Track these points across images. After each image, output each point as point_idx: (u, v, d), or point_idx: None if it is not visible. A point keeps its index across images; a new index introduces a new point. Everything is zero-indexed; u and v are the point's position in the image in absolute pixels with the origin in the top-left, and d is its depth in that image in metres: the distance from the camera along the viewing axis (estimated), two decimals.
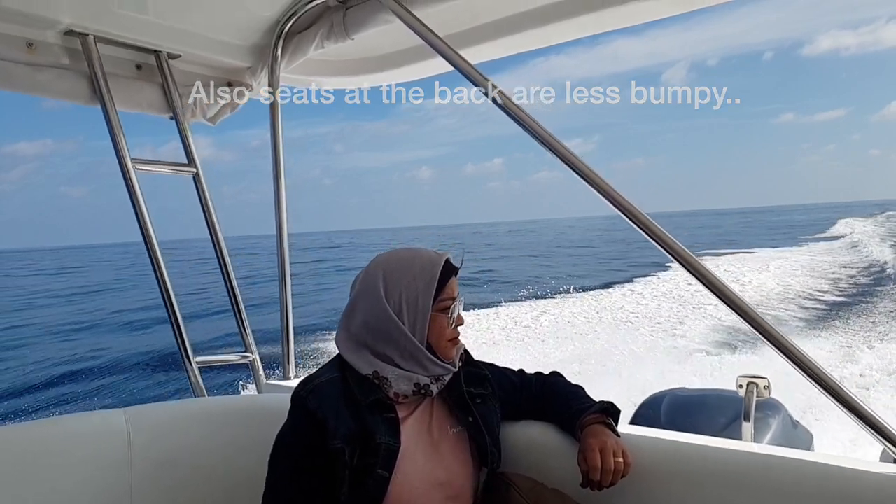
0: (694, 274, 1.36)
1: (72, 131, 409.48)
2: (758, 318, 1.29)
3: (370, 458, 1.26)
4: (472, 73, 1.61)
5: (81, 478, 1.52)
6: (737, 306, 1.31)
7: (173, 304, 2.06)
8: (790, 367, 1.25)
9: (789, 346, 1.25)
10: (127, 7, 1.88)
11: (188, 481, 1.66)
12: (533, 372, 1.60)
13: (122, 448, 1.58)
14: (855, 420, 1.21)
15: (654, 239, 1.40)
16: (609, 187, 1.45)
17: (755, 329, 1.29)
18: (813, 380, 1.23)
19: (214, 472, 1.70)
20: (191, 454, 1.68)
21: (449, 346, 1.38)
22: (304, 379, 1.37)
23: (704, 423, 2.54)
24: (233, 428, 1.77)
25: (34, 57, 1.88)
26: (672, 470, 1.39)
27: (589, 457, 1.30)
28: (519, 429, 1.55)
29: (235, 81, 2.35)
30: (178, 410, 1.83)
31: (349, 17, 1.97)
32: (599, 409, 1.41)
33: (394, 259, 1.39)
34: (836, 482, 1.23)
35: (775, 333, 1.27)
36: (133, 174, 1.99)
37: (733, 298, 1.31)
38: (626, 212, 1.43)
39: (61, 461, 1.51)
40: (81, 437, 1.58)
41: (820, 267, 21.35)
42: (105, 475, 1.55)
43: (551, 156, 1.53)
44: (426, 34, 1.67)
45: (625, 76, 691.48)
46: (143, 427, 1.64)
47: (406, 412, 1.37)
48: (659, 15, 1.84)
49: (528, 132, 1.54)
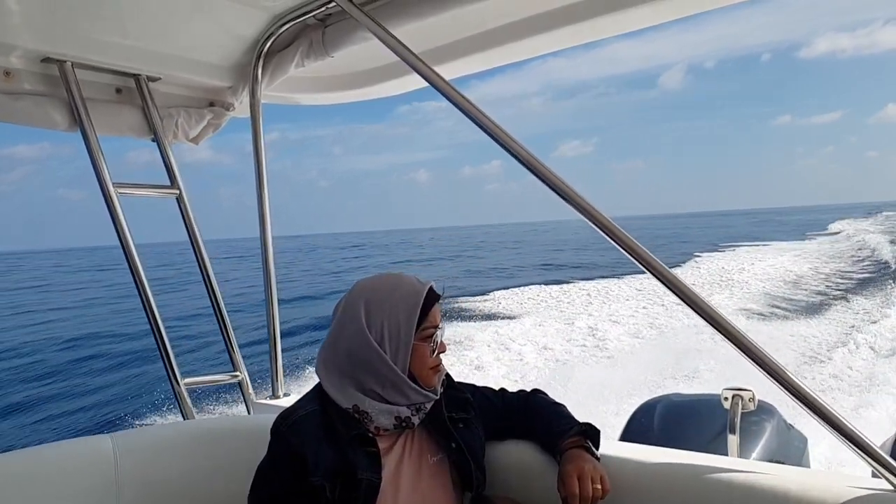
0: (661, 279, 1.31)
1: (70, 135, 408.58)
2: (727, 324, 1.25)
3: (351, 492, 1.26)
4: (446, 88, 1.62)
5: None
6: (705, 312, 1.27)
7: (159, 325, 2.06)
8: (773, 383, 1.21)
9: (767, 360, 1.21)
10: (105, 32, 1.88)
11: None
12: (515, 390, 1.60)
13: (110, 473, 1.58)
14: (837, 437, 1.18)
15: (622, 245, 1.36)
16: (578, 196, 1.42)
17: (725, 336, 1.24)
18: (792, 394, 1.19)
19: (203, 494, 1.69)
20: (179, 477, 1.68)
21: (431, 374, 1.37)
22: (283, 412, 1.36)
23: (698, 429, 2.53)
24: (221, 449, 1.76)
25: (11, 85, 1.88)
26: (655, 487, 1.38)
27: (567, 483, 1.29)
28: (501, 449, 1.54)
29: (217, 101, 2.35)
30: (166, 433, 1.82)
31: (328, 35, 1.98)
32: (578, 431, 1.41)
33: (376, 286, 1.38)
34: (819, 495, 1.21)
35: (752, 346, 1.23)
36: (115, 198, 1.99)
37: (701, 304, 1.27)
38: (595, 220, 1.40)
39: (49, 489, 1.51)
40: (69, 464, 1.57)
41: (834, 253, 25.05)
42: (93, 501, 1.54)
43: (523, 166, 1.52)
44: (401, 51, 1.67)
45: (622, 78, 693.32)
46: (131, 451, 1.63)
47: (387, 444, 1.36)
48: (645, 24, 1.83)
49: (499, 143, 1.54)
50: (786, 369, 1.20)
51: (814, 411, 1.18)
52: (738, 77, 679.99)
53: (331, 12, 1.93)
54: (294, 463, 1.26)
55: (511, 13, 1.87)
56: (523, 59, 2.08)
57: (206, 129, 2.35)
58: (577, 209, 1.41)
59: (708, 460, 1.39)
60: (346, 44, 1.96)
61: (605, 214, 1.38)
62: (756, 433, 2.53)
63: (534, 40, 1.90)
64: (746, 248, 32.30)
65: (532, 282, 23.21)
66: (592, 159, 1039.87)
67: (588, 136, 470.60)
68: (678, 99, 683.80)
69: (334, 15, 1.94)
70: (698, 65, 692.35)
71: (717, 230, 59.80)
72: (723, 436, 2.41)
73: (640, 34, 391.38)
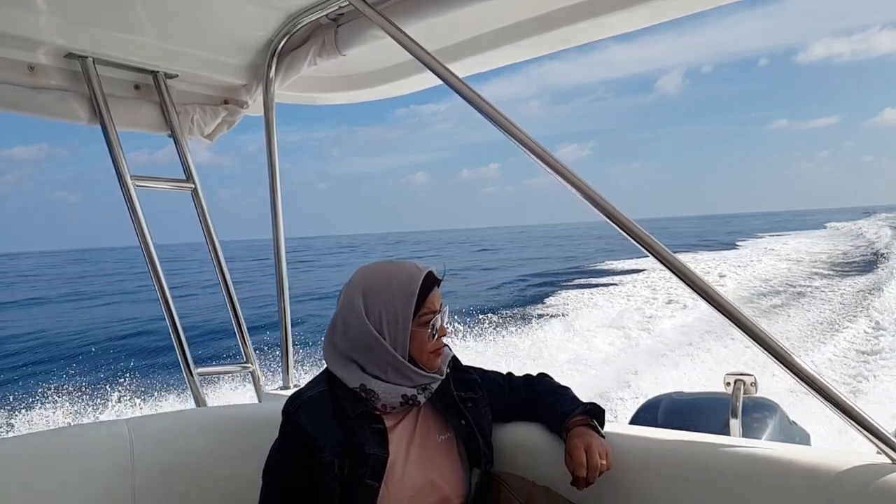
0: (676, 273, 1.35)
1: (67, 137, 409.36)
2: (742, 316, 1.28)
3: (360, 469, 1.29)
4: (461, 87, 1.65)
5: (86, 486, 1.56)
6: (720, 305, 1.30)
7: (174, 315, 2.10)
8: (777, 366, 1.24)
9: (773, 344, 1.24)
10: (125, 29, 1.94)
11: (190, 489, 1.70)
12: (521, 374, 1.64)
13: (126, 457, 1.62)
14: (840, 416, 1.22)
15: (638, 241, 1.39)
16: (595, 193, 1.45)
17: (739, 328, 1.28)
18: (798, 377, 1.22)
19: (216, 479, 1.73)
20: (192, 462, 1.72)
21: (432, 358, 1.41)
22: (292, 394, 1.40)
23: (700, 425, 2.55)
24: (233, 436, 1.80)
25: (35, 80, 1.94)
26: (660, 465, 1.41)
27: (575, 455, 1.33)
28: (508, 430, 1.58)
29: (231, 99, 2.40)
30: (180, 419, 1.87)
31: (340, 35, 2.02)
32: (583, 410, 1.44)
33: (374, 274, 1.41)
34: (824, 474, 1.24)
35: (758, 331, 1.26)
36: (133, 190, 2.04)
37: (715, 297, 1.31)
38: (612, 217, 1.42)
39: (66, 470, 1.55)
40: (85, 447, 1.62)
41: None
42: (109, 484, 1.59)
43: (539, 163, 1.56)
44: (415, 49, 1.70)
45: (620, 82, 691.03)
46: (146, 436, 1.68)
47: (394, 422, 1.40)
48: (649, 22, 1.86)
49: (516, 142, 1.57)
50: (793, 354, 1.23)
51: (823, 395, 1.20)
52: (735, 81, 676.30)
53: (343, 11, 1.97)
54: (304, 441, 1.30)
55: (525, 10, 1.89)
56: (538, 56, 2.10)
57: (220, 126, 2.40)
58: (596, 206, 1.44)
59: (713, 439, 1.42)
60: (358, 42, 2.00)
61: (622, 211, 1.41)
62: (758, 429, 2.56)
63: (548, 36, 1.92)
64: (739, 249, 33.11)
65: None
66: (589, 163, 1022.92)
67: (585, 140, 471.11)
68: (675, 103, 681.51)
69: (347, 14, 1.99)
70: (696, 69, 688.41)
71: (715, 231, 60.43)
72: (725, 430, 2.44)
73: (637, 39, 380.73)
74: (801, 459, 1.28)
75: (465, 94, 1.61)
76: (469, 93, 1.61)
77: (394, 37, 1.73)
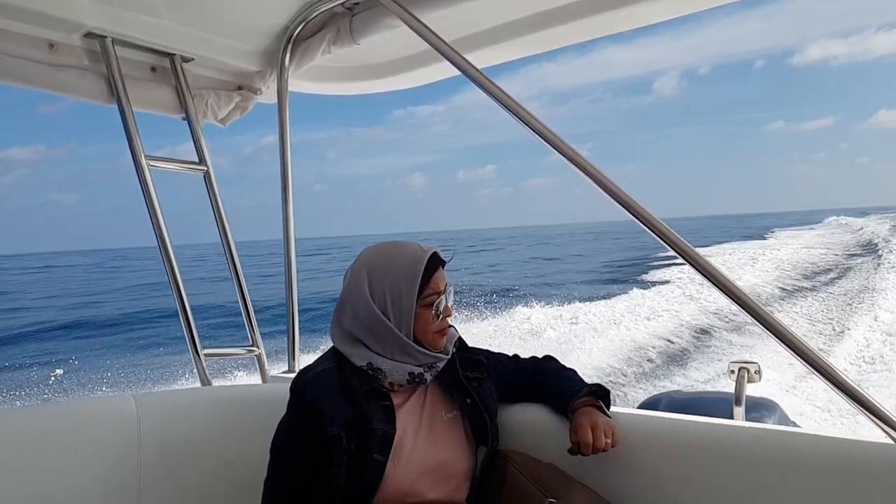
0: (701, 271, 1.35)
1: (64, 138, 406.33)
2: (764, 313, 1.28)
3: (367, 443, 1.31)
4: (479, 78, 1.64)
5: (93, 459, 1.57)
6: (744, 302, 1.30)
7: (183, 297, 2.12)
8: (806, 367, 1.24)
9: (797, 342, 1.23)
10: (144, 11, 1.96)
11: (196, 465, 1.71)
12: (528, 357, 1.66)
13: (133, 432, 1.63)
14: (854, 406, 1.22)
15: (662, 238, 1.39)
16: (617, 188, 1.45)
17: (761, 324, 1.27)
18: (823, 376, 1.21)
19: (221, 457, 1.75)
20: (199, 439, 1.73)
21: (437, 338, 1.41)
22: (300, 370, 1.42)
23: None
24: (238, 415, 1.82)
25: (55, 57, 1.96)
26: (664, 444, 1.43)
27: (580, 432, 1.35)
28: (515, 410, 1.60)
29: (245, 85, 2.42)
30: (187, 397, 1.88)
31: (356, 23, 2.03)
32: (589, 391, 1.46)
33: (378, 255, 1.42)
34: (825, 453, 1.26)
35: (780, 327, 1.25)
36: (147, 171, 2.06)
37: (739, 294, 1.31)
38: (636, 214, 1.42)
39: (73, 442, 1.56)
40: (93, 420, 1.63)
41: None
42: (115, 457, 1.60)
43: (560, 158, 1.55)
44: (432, 39, 1.71)
45: (617, 83, 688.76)
46: (153, 412, 1.69)
47: (401, 399, 1.41)
48: (663, 17, 1.88)
49: (537, 135, 1.55)
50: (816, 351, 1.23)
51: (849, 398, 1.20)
52: (732, 83, 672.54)
53: (359, 0, 1.99)
54: (311, 416, 1.32)
55: (543, 1, 1.88)
56: (557, 47, 2.08)
57: (233, 111, 2.42)
58: (616, 200, 1.44)
59: (720, 422, 1.44)
60: (373, 31, 2.01)
61: (643, 205, 1.42)
62: None
63: (568, 28, 1.91)
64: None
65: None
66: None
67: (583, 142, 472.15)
68: (672, 104, 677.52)
69: (363, 3, 2.00)
70: (692, 71, 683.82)
71: (713, 232, 60.88)
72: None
73: (634, 41, 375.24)
74: (808, 442, 1.29)
75: (483, 84, 1.61)
76: (487, 83, 1.61)
77: (410, 25, 1.74)
